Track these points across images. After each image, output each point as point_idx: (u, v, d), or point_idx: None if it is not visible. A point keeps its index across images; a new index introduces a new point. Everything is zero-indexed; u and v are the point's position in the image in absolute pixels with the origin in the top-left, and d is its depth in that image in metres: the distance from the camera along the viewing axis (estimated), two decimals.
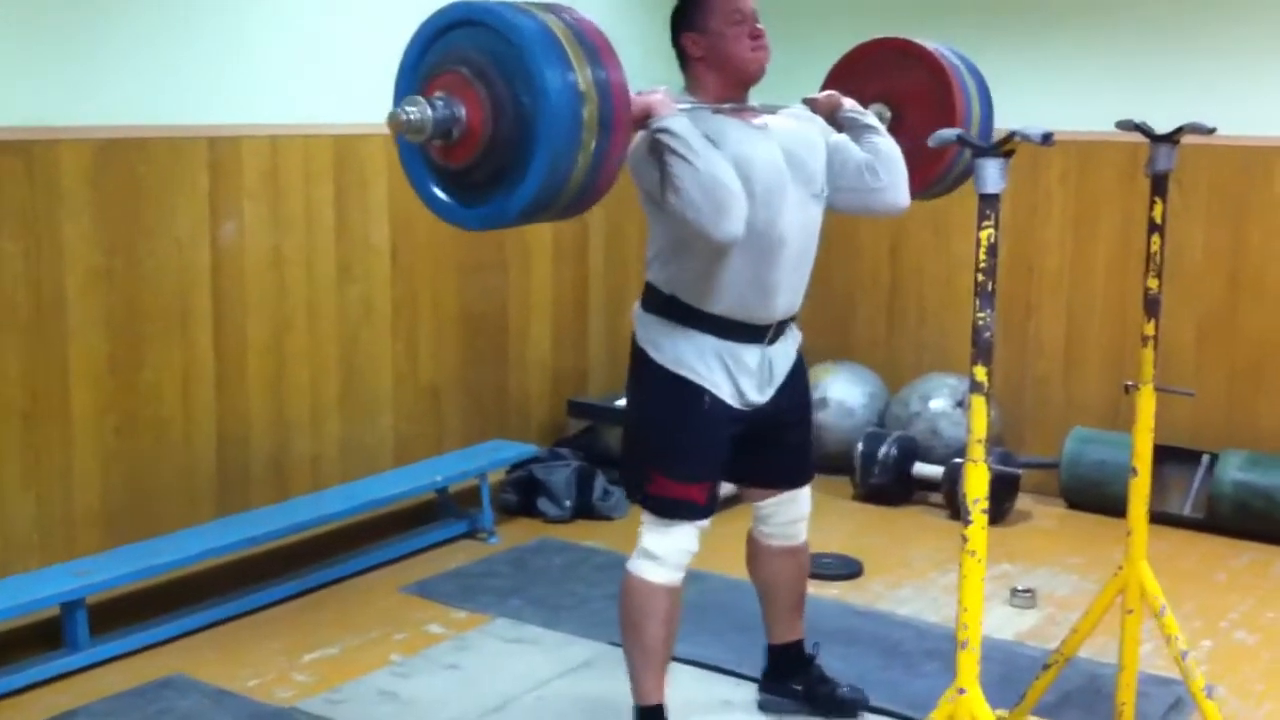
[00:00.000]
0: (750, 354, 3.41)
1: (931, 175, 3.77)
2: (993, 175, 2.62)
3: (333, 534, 5.01)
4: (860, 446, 5.86)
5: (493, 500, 5.41)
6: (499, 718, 3.85)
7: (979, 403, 2.70)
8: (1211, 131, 3.38)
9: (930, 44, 3.88)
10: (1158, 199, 3.40)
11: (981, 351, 2.69)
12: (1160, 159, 3.37)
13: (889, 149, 3.52)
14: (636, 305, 3.49)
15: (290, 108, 4.83)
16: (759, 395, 3.45)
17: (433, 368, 5.44)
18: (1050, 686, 3.69)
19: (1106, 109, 3.81)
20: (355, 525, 5.09)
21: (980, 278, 2.66)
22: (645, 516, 3.44)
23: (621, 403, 5.73)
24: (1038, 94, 5.90)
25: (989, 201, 2.64)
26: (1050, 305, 6.06)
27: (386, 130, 4.98)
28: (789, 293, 3.43)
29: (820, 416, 6.01)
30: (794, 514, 3.71)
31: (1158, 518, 5.05)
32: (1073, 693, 3.96)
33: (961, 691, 2.79)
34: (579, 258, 6.06)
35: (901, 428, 6.01)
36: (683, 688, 3.74)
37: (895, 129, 3.72)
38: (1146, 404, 3.46)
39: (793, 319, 3.54)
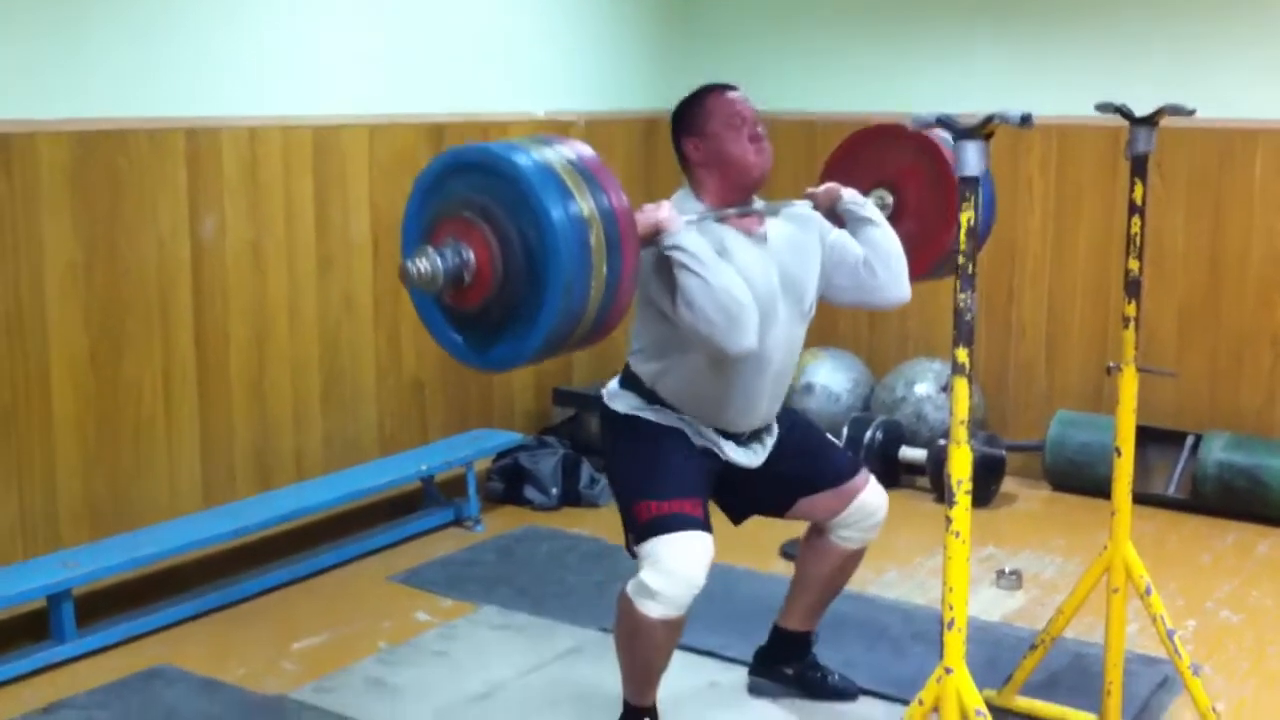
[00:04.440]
0: (727, 445, 3.47)
1: (936, 255, 3.76)
2: (972, 158, 2.63)
3: (319, 524, 5.01)
4: (846, 431, 5.86)
5: (479, 489, 5.41)
6: (487, 705, 3.86)
7: (961, 385, 2.71)
8: (1191, 113, 3.39)
9: None
10: (1137, 180, 3.41)
11: (963, 334, 2.69)
12: (1140, 141, 3.38)
13: (887, 244, 3.53)
14: (612, 383, 3.52)
15: (269, 98, 4.82)
16: (745, 461, 3.50)
17: (416, 360, 5.43)
18: (1037, 667, 3.71)
19: (1086, 94, 3.83)
20: (341, 515, 5.10)
21: (961, 260, 2.67)
22: (642, 552, 3.28)
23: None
24: (1017, 79, 5.92)
25: (969, 184, 2.64)
26: (1032, 290, 6.07)
27: (366, 120, 4.98)
28: (769, 403, 3.49)
29: (806, 402, 6.03)
30: (875, 518, 3.67)
31: (1142, 499, 5.07)
32: (1060, 673, 3.98)
33: (949, 671, 2.79)
34: None
35: (886, 413, 6.02)
36: (672, 671, 3.72)
37: (897, 212, 3.77)
38: (1129, 385, 3.48)
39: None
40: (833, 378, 6.18)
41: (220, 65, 4.64)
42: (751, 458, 3.50)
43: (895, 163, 3.84)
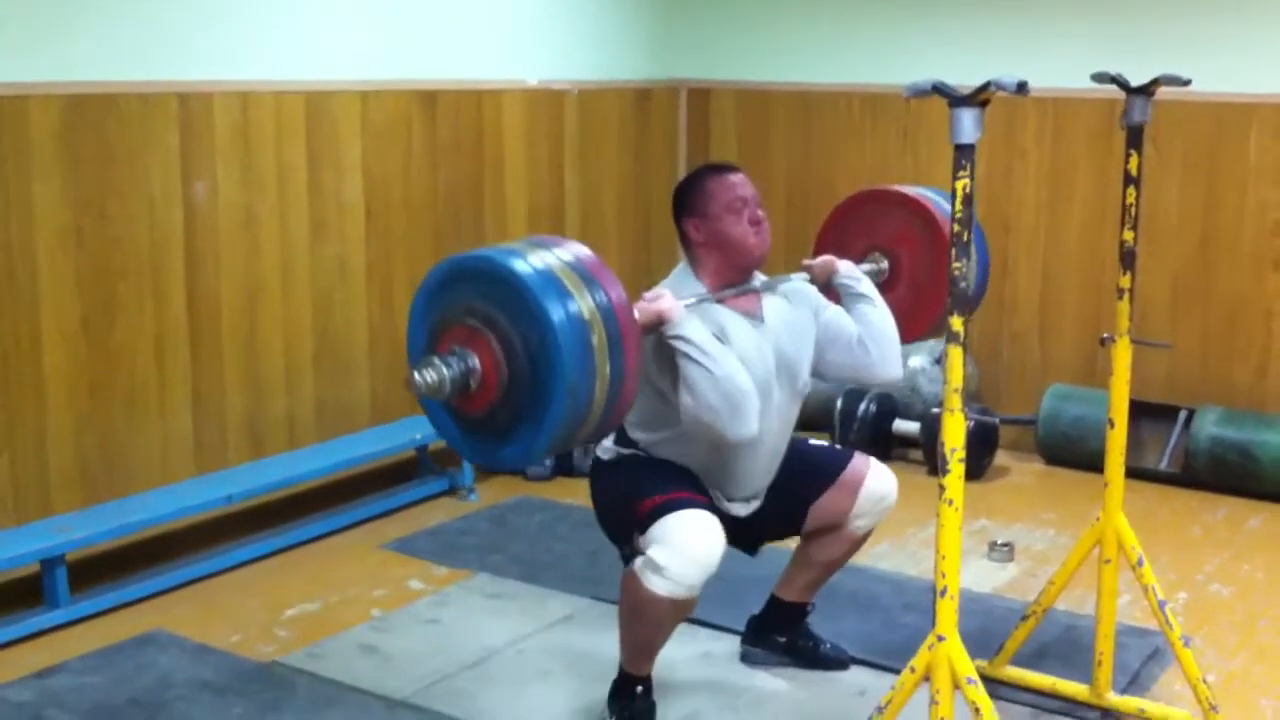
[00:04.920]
0: (722, 503, 3.49)
1: (929, 321, 3.79)
2: (968, 125, 2.62)
3: (313, 491, 5.01)
4: (840, 404, 5.87)
5: None
6: (479, 671, 3.87)
7: (955, 353, 2.71)
8: (1187, 83, 3.39)
9: (910, 189, 3.93)
10: (1133, 151, 3.41)
11: (957, 302, 2.69)
12: (1135, 111, 3.38)
13: (880, 321, 3.56)
14: (606, 441, 3.50)
15: (261, 63, 4.80)
16: (740, 512, 3.52)
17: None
18: (1029, 638, 3.73)
19: (1082, 67, 3.82)
20: (335, 483, 5.10)
21: (956, 228, 2.67)
22: (649, 536, 3.22)
23: None
24: (1014, 51, 5.90)
25: (964, 151, 2.63)
26: (1027, 263, 6.07)
27: (358, 86, 4.96)
28: (761, 478, 3.52)
29: None
30: (887, 500, 3.67)
31: (1134, 473, 5.08)
32: (1051, 644, 3.99)
33: (941, 639, 2.80)
34: (555, 216, 6.05)
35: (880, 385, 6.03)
36: None
37: (893, 276, 3.82)
38: (1122, 356, 3.48)
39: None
40: None
41: (212, 30, 4.62)
42: (744, 509, 3.53)
43: (890, 228, 3.88)
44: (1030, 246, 6.05)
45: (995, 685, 3.59)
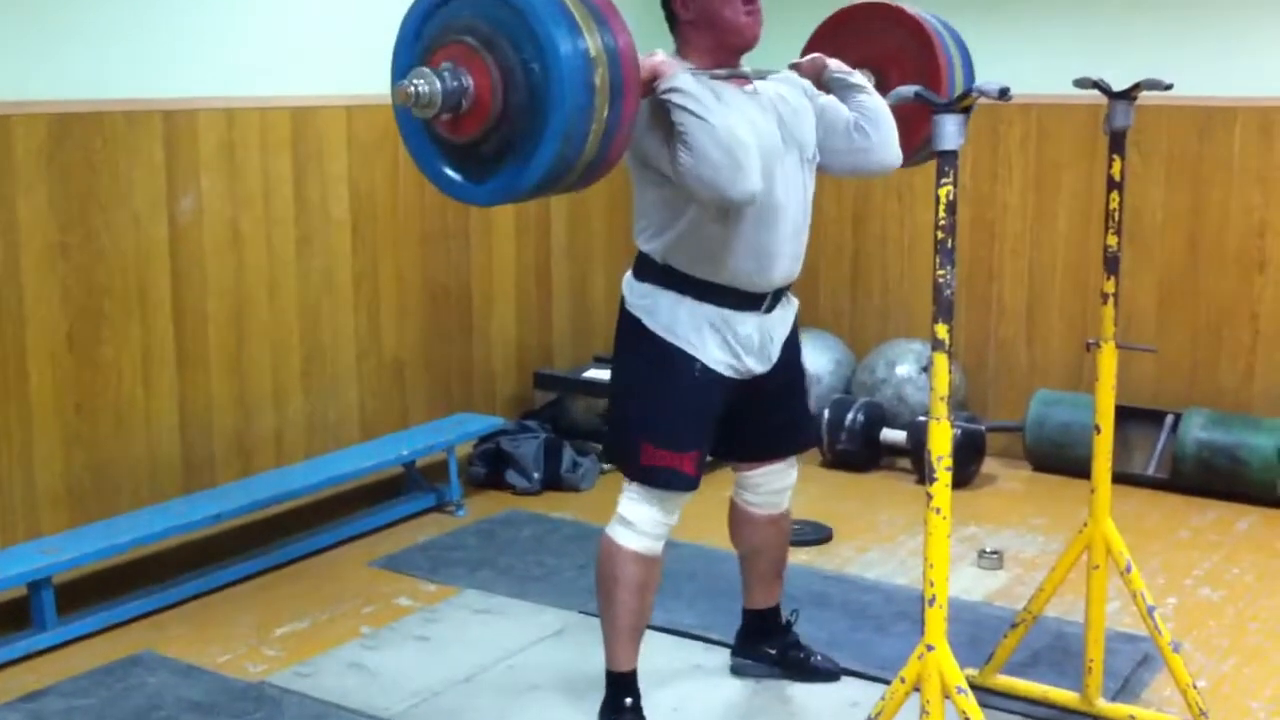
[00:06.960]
0: (748, 323, 3.37)
1: (915, 141, 3.69)
2: (951, 131, 2.62)
3: (300, 509, 4.99)
4: (827, 414, 5.87)
5: (460, 473, 5.40)
6: (469, 688, 3.85)
7: (941, 360, 2.71)
8: (1168, 87, 3.39)
9: (911, 8, 3.86)
10: (1116, 156, 3.41)
11: (942, 309, 2.69)
12: (1118, 116, 3.38)
13: (876, 106, 3.46)
14: (628, 274, 3.45)
15: (246, 79, 4.79)
16: (759, 365, 3.43)
17: (396, 341, 5.41)
18: (1019, 645, 3.72)
19: (1066, 71, 3.83)
20: (323, 500, 5.08)
21: (940, 235, 2.67)
22: (628, 485, 3.41)
23: (590, 374, 5.77)
24: (998, 57, 5.90)
25: (948, 158, 2.64)
26: (1012, 269, 6.08)
27: (343, 101, 4.95)
28: (788, 260, 3.39)
29: None
30: (781, 483, 3.70)
31: (1122, 478, 5.07)
32: (1041, 651, 3.99)
33: (930, 648, 2.80)
34: (542, 230, 6.05)
35: (868, 394, 6.03)
36: (655, 653, 3.75)
37: (880, 93, 3.68)
38: (1108, 361, 3.48)
39: (789, 287, 3.51)
40: (814, 359, 6.17)
41: (197, 47, 4.61)
42: (766, 352, 3.43)
43: (880, 43, 3.77)
44: (1016, 252, 6.06)
45: (986, 694, 3.58)
